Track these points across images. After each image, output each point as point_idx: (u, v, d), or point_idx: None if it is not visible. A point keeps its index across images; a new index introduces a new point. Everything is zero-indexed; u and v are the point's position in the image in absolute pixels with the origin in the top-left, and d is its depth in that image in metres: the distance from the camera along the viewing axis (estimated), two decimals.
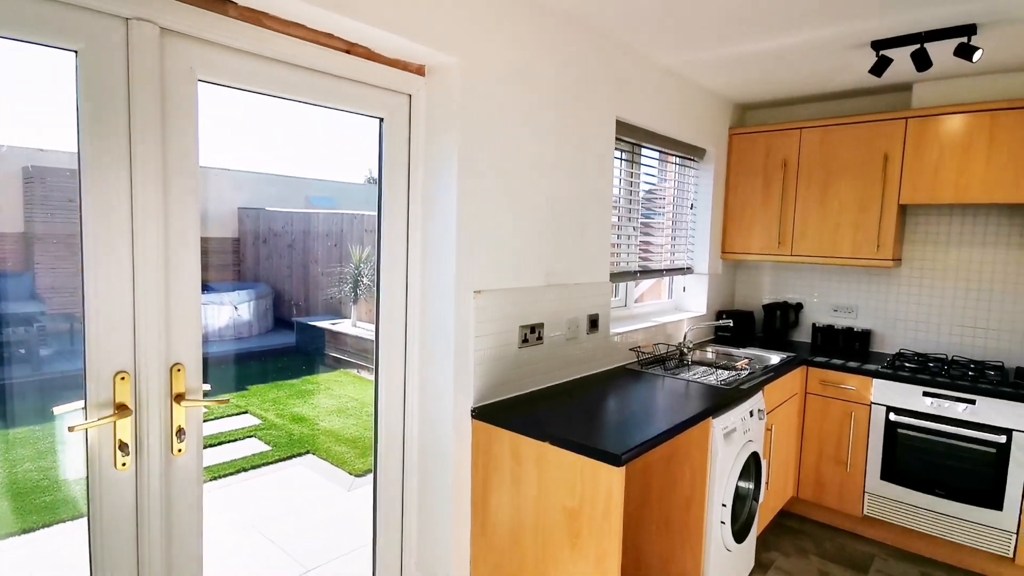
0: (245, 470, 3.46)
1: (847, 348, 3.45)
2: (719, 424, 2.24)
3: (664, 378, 2.64)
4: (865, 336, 3.43)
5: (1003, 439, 2.67)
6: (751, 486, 2.57)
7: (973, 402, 2.74)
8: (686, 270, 3.67)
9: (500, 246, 2.15)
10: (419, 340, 2.13)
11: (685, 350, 3.04)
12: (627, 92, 2.77)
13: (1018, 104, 2.78)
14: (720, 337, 3.70)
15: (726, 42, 2.62)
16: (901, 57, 2.64)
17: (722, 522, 2.30)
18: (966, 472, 2.77)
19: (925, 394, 2.87)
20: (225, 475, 3.39)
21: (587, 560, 1.82)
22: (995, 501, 2.70)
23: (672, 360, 2.97)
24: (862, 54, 2.74)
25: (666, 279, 3.73)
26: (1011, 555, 2.67)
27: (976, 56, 2.35)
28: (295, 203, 4.32)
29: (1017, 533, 2.65)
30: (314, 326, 4.59)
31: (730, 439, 2.31)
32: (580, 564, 1.83)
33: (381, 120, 2.01)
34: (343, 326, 4.58)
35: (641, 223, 3.27)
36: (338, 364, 4.71)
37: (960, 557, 2.84)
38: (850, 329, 3.47)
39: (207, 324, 3.86)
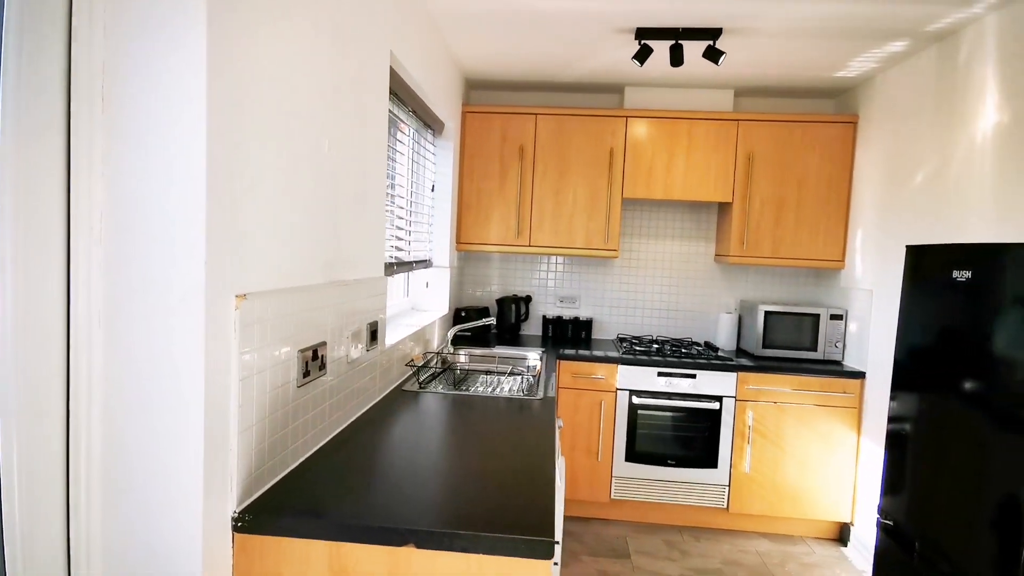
0: None
1: (575, 337, 3.52)
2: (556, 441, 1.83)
3: (456, 397, 2.07)
4: (588, 325, 3.56)
5: (716, 405, 3.03)
6: None
7: (695, 376, 3.03)
8: (427, 263, 3.14)
9: (271, 218, 1.23)
10: (103, 401, 1.02)
11: (448, 357, 2.55)
12: (401, 32, 2.07)
13: (710, 116, 3.19)
14: (458, 337, 3.32)
15: None
16: (660, 51, 2.69)
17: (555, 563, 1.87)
18: (691, 440, 3.07)
19: (660, 374, 3.06)
20: None
21: None
22: (712, 461, 3.05)
23: (446, 373, 2.43)
24: (623, 40, 2.70)
25: (400, 275, 3.12)
26: (725, 506, 3.06)
27: (721, 60, 2.52)
28: None
29: (729, 485, 3.05)
30: None
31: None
32: None
33: None
34: None
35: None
36: None
37: (689, 516, 3.15)
38: (577, 319, 3.55)
39: None
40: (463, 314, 3.36)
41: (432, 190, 3.12)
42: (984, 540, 1.46)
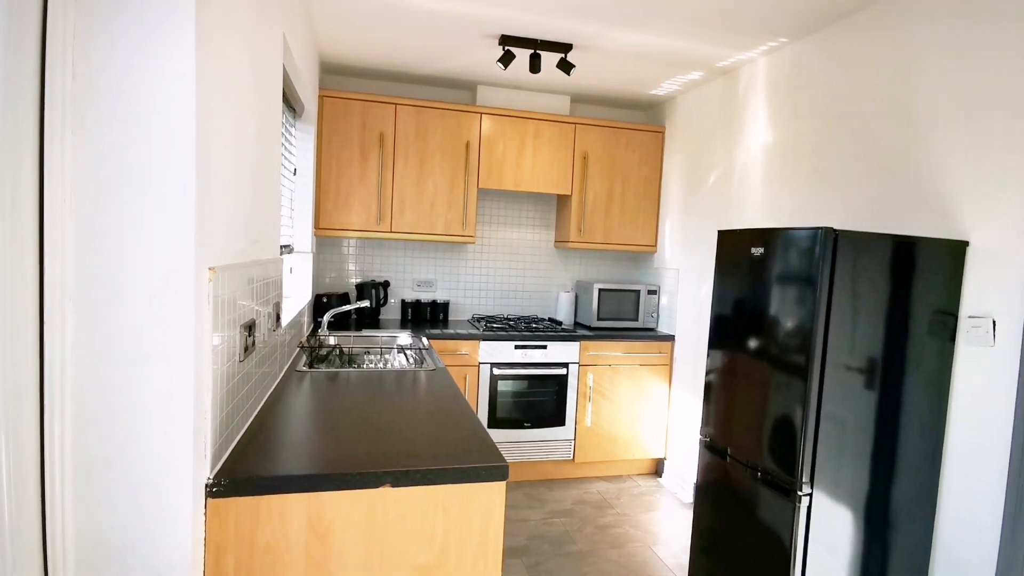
0: None
1: (434, 319, 3.76)
2: None
3: (358, 372, 2.21)
4: (445, 307, 3.81)
5: (564, 371, 3.53)
6: None
7: (546, 347, 3.49)
8: (290, 248, 3.12)
9: (219, 194, 1.28)
10: (77, 375, 1.04)
11: (330, 340, 2.66)
12: (288, 14, 2.11)
13: (553, 118, 3.66)
14: (320, 323, 3.33)
15: None
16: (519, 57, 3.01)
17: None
18: (543, 403, 3.52)
19: (516, 347, 3.46)
20: None
21: None
22: (561, 420, 3.55)
23: (332, 354, 2.52)
24: (487, 44, 2.99)
25: None
26: (572, 457, 3.58)
27: (572, 71, 2.96)
28: None
29: (574, 440, 3.58)
30: None
31: None
32: None
33: None
34: None
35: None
36: None
37: (543, 470, 3.60)
38: (434, 302, 3.79)
39: None
40: (324, 300, 3.38)
41: (295, 174, 3.09)
42: (770, 445, 2.06)
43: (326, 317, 2.90)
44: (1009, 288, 1.83)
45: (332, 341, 2.89)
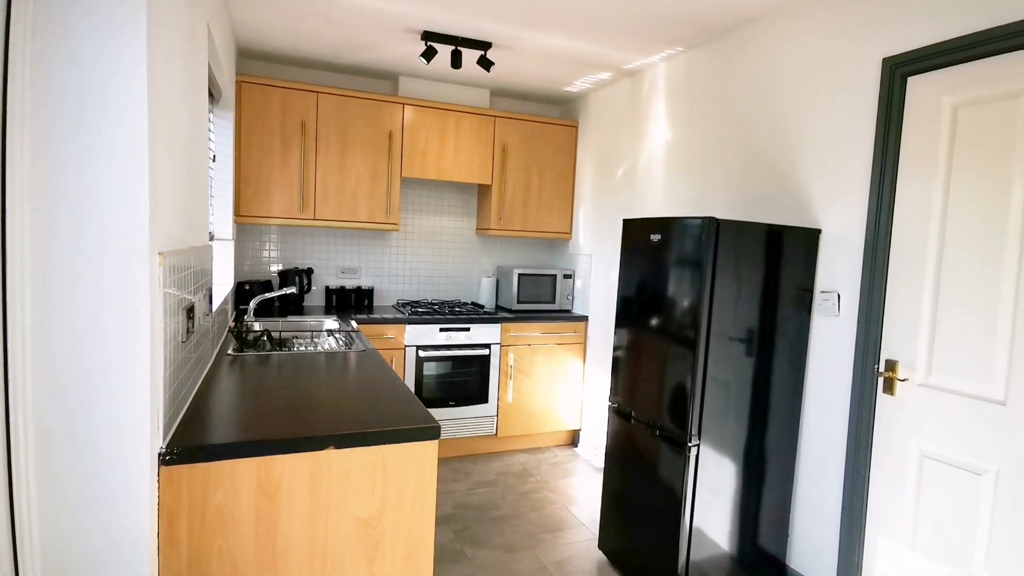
0: None
1: (359, 305, 3.85)
2: None
3: (290, 355, 2.31)
4: (370, 293, 3.92)
5: (487, 352, 3.76)
6: None
7: (469, 329, 3.70)
8: (211, 235, 3.13)
9: (172, 173, 1.37)
10: (36, 355, 1.12)
11: (257, 325, 2.74)
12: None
13: (474, 111, 3.84)
14: (244, 310, 3.37)
15: None
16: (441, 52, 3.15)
17: None
18: (467, 383, 3.73)
19: (441, 330, 3.64)
20: None
21: (393, 564, 1.55)
22: (484, 397, 3.78)
23: (261, 339, 2.60)
24: (410, 38, 3.10)
25: None
26: (495, 432, 3.82)
27: (492, 68, 3.15)
28: None
29: (497, 416, 3.82)
30: None
31: None
32: (383, 574, 1.46)
33: None
34: None
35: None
36: None
37: (468, 445, 3.81)
38: (359, 288, 3.89)
39: None
40: (247, 287, 3.40)
41: (213, 160, 3.08)
42: (667, 406, 2.36)
43: (252, 303, 2.94)
44: (849, 267, 2.22)
45: (259, 327, 2.93)
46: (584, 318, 3.95)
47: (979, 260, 1.87)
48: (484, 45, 3.07)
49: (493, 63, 3.15)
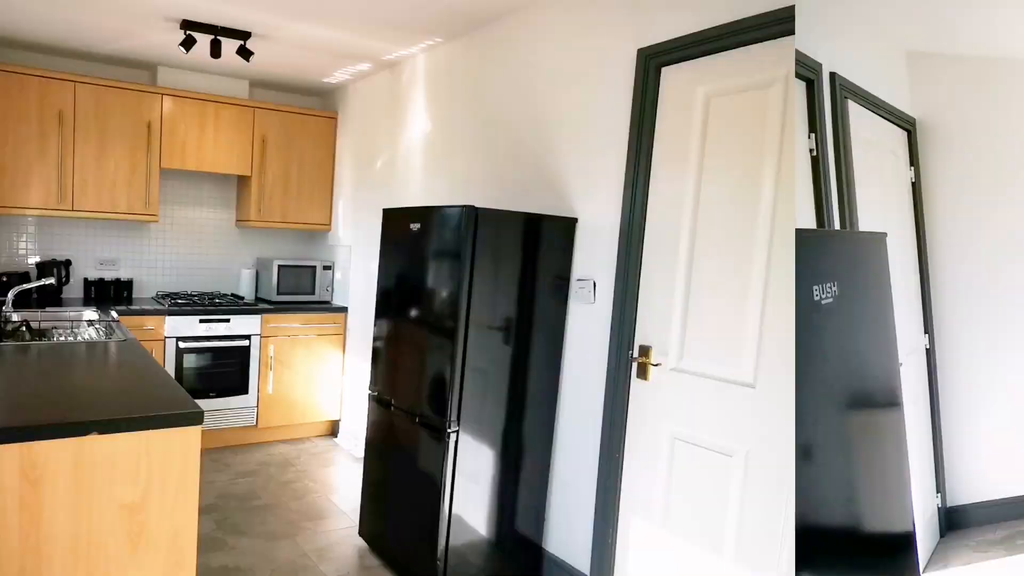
0: None
1: (118, 297, 4.04)
2: None
3: (49, 345, 2.29)
4: (129, 285, 4.02)
5: (247, 343, 3.89)
6: None
7: (229, 320, 3.77)
8: None
9: None
10: None
11: (13, 316, 2.77)
12: None
13: (233, 102, 3.98)
14: (1, 303, 3.12)
15: None
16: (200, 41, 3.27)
17: None
18: (227, 374, 3.97)
19: (201, 321, 3.63)
20: None
21: (156, 550, 1.67)
22: (244, 389, 3.96)
23: (20, 331, 2.42)
24: (168, 27, 3.06)
25: None
26: (256, 423, 4.00)
27: (251, 59, 3.25)
28: None
29: (257, 407, 4.02)
30: None
31: None
32: (146, 560, 1.65)
33: None
34: None
35: None
36: None
37: (228, 437, 4.47)
38: (118, 280, 3.89)
39: None
40: (4, 279, 3.72)
41: None
42: (428, 395, 2.46)
43: (11, 295, 2.87)
44: (605, 255, 2.58)
45: (16, 318, 2.58)
46: (344, 309, 4.37)
47: (730, 248, 2.11)
48: (243, 35, 3.29)
49: (253, 53, 3.39)
